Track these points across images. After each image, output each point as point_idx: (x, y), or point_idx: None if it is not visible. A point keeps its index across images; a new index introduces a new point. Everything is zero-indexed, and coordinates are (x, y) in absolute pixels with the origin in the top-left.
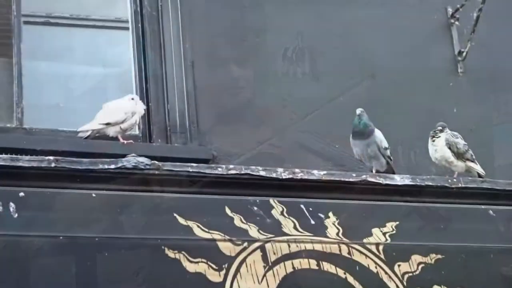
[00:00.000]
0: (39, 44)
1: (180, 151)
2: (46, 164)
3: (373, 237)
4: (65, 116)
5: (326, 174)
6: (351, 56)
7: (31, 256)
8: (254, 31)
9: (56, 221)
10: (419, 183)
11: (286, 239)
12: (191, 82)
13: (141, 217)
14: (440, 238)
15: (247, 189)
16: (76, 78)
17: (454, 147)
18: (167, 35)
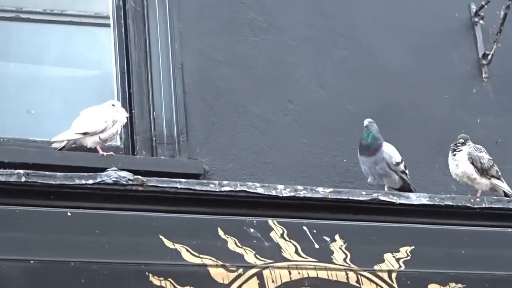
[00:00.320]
0: (7, 42)
1: (167, 165)
2: (16, 178)
3: (385, 264)
4: (36, 124)
5: (332, 192)
6: (361, 59)
7: None
8: (252, 30)
9: (26, 243)
10: (437, 203)
11: (287, 265)
12: (180, 87)
13: (122, 239)
14: (461, 265)
15: (243, 208)
16: (50, 81)
17: (477, 162)
18: (153, 34)
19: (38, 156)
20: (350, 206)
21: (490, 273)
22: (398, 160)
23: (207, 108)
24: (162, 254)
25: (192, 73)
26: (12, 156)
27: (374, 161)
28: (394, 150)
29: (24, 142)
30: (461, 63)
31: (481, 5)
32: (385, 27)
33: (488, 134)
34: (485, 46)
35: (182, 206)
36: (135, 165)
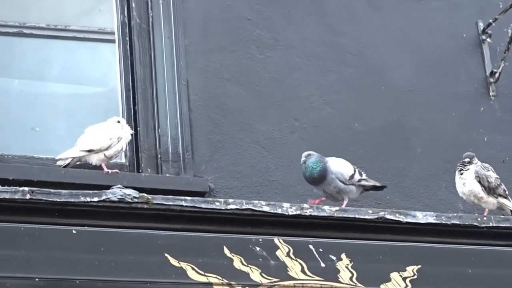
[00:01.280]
0: (10, 58)
1: (172, 183)
2: (20, 195)
3: (391, 283)
4: (41, 141)
5: (339, 210)
6: (368, 77)
7: None
8: (258, 47)
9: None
10: (444, 222)
11: (293, 284)
12: (185, 104)
13: (128, 257)
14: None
15: (249, 226)
16: (54, 98)
17: (484, 180)
18: (159, 51)
19: (43, 174)
20: (356, 224)
21: None
22: (351, 173)
23: (212, 126)
24: (167, 273)
25: (197, 90)
26: (16, 173)
27: (325, 185)
28: (343, 165)
29: (29, 159)
30: (468, 81)
31: (489, 23)
32: (392, 44)
33: (495, 153)
34: (493, 64)
35: (187, 224)
36: (140, 182)
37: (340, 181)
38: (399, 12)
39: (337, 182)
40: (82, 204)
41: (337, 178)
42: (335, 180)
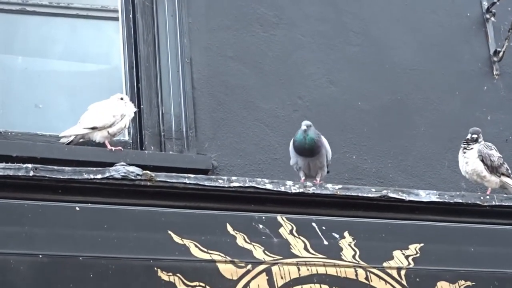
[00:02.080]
0: (13, 36)
1: (175, 160)
2: (24, 172)
3: (394, 261)
4: (45, 118)
5: (342, 188)
6: (372, 56)
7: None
8: (261, 25)
9: (34, 238)
10: (447, 200)
11: (296, 262)
12: (188, 82)
13: (131, 234)
14: (471, 263)
15: (252, 204)
16: (57, 76)
17: (487, 159)
18: (162, 28)
19: (47, 151)
20: (359, 203)
21: (500, 271)
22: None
23: (216, 104)
24: (171, 250)
25: (201, 68)
26: (20, 150)
27: (316, 158)
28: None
29: (32, 136)
30: (472, 60)
31: (493, 2)
32: (396, 23)
33: (498, 132)
34: (497, 43)
35: (190, 201)
36: (143, 160)
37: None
38: None
39: (324, 158)
40: (86, 181)
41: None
42: (324, 156)
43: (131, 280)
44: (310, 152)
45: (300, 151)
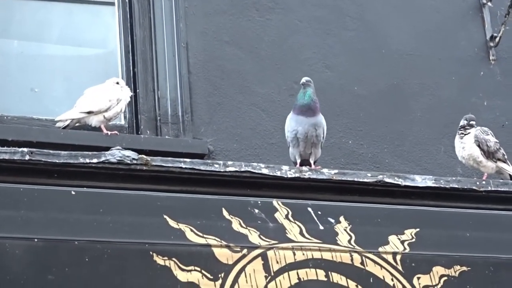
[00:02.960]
0: (9, 20)
1: (171, 145)
2: (19, 156)
3: (389, 246)
4: (40, 102)
5: (337, 173)
6: (368, 40)
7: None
8: (257, 10)
9: (30, 222)
10: (443, 185)
11: (291, 246)
12: (184, 66)
13: (126, 218)
14: (466, 248)
15: (248, 189)
16: (53, 60)
17: (484, 145)
18: (158, 12)
19: (42, 135)
20: (355, 187)
21: (495, 256)
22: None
23: (212, 88)
24: (166, 234)
25: (197, 52)
26: (16, 134)
27: (314, 124)
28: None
29: (28, 120)
30: (468, 45)
31: None
32: (393, 8)
33: (495, 117)
34: (493, 28)
35: (186, 186)
36: (139, 144)
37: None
38: None
39: (321, 131)
40: (81, 165)
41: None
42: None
43: (127, 264)
44: (309, 108)
45: (302, 107)
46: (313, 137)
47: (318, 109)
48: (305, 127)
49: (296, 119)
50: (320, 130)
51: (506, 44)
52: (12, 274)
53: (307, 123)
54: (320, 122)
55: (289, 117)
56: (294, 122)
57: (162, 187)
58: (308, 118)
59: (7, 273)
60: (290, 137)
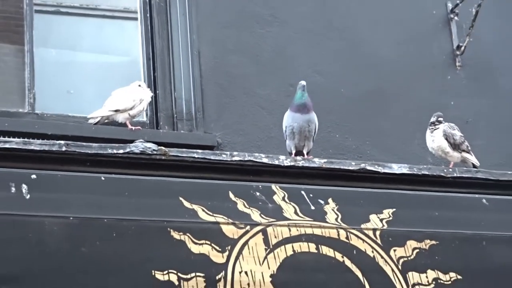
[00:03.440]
0: (50, 32)
1: (186, 138)
2: (57, 148)
3: (370, 223)
4: (75, 102)
5: (326, 162)
6: (353, 49)
7: (42, 236)
8: (258, 23)
9: (66, 203)
10: (416, 172)
11: (287, 224)
12: (197, 71)
13: (148, 200)
14: (435, 225)
15: (250, 175)
16: (86, 66)
17: (451, 138)
18: (175, 26)
19: (76, 130)
20: (341, 174)
21: (460, 232)
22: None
23: (220, 90)
24: (181, 213)
25: (207, 60)
26: (54, 129)
27: (308, 120)
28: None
29: (64, 118)
30: (438, 53)
31: (456, 3)
32: (374, 21)
33: (460, 115)
34: (459, 39)
35: (198, 172)
36: (158, 138)
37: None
38: None
39: (313, 126)
40: (110, 155)
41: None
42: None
43: (148, 238)
44: (305, 107)
45: (298, 106)
46: (306, 132)
47: (311, 108)
48: (300, 123)
49: (292, 116)
50: (312, 126)
51: (470, 52)
52: (51, 247)
53: (302, 119)
54: (312, 119)
55: (286, 114)
56: (291, 119)
57: (178, 173)
58: (303, 115)
59: (47, 246)
60: (287, 131)
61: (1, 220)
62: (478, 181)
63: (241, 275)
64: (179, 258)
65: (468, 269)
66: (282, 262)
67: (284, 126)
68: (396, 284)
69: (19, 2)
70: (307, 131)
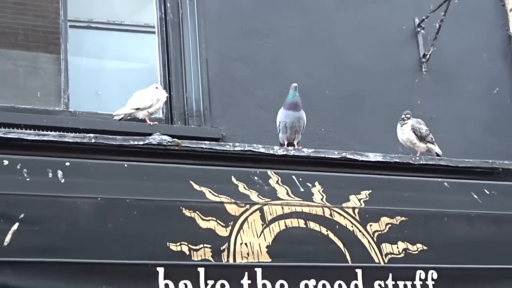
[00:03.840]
0: (82, 43)
1: (195, 132)
2: (87, 140)
3: (350, 202)
4: (102, 101)
5: (313, 151)
6: (336, 57)
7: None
8: (257, 35)
9: (95, 186)
10: (388, 160)
11: (280, 203)
12: (205, 76)
13: (163, 183)
14: (405, 204)
15: (249, 162)
16: (112, 71)
17: (418, 131)
18: (186, 38)
19: (104, 124)
20: (326, 162)
21: (425, 209)
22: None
23: (224, 92)
24: (192, 194)
25: (214, 66)
26: (85, 124)
27: (299, 117)
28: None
29: (93, 115)
30: (407, 60)
31: (422, 19)
32: (354, 33)
33: (425, 112)
34: (425, 48)
35: (206, 160)
36: (172, 131)
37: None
38: (359, 10)
39: (302, 122)
40: (131, 146)
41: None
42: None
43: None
44: (297, 105)
45: (291, 104)
46: (297, 126)
47: (301, 106)
48: (291, 119)
49: (285, 113)
50: (302, 122)
51: (434, 60)
52: (82, 223)
53: (293, 116)
54: (302, 116)
55: (280, 112)
56: (284, 115)
57: (188, 161)
58: (294, 112)
59: (79, 222)
60: (281, 126)
61: (40, 200)
62: (441, 167)
63: (241, 246)
64: (189, 232)
65: (432, 240)
66: (276, 235)
67: (278, 121)
68: (372, 254)
69: (56, 19)
70: (297, 125)
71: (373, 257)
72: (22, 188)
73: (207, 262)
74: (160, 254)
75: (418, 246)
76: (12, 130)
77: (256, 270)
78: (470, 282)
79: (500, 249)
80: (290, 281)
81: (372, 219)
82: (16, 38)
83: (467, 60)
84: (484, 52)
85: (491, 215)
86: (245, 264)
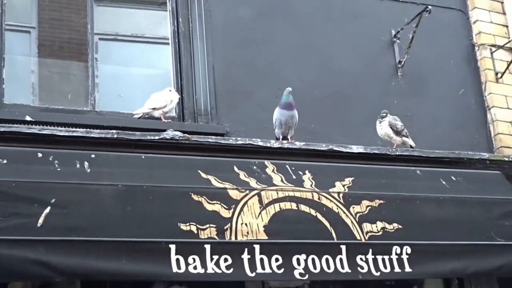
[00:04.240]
0: (108, 54)
1: (203, 128)
2: (111, 135)
3: (336, 188)
4: (124, 103)
5: (305, 144)
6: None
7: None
8: (256, 44)
9: (116, 175)
10: (369, 151)
11: (275, 189)
12: (212, 80)
13: (175, 172)
14: (382, 189)
15: (250, 154)
16: (132, 77)
17: (394, 126)
18: (196, 48)
19: (125, 122)
20: (315, 153)
21: (400, 194)
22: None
23: (228, 94)
24: (199, 181)
25: (220, 72)
26: (109, 122)
27: (292, 115)
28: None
29: (116, 114)
30: (385, 66)
31: (398, 30)
32: (340, 43)
33: (401, 110)
34: (400, 56)
35: (212, 152)
36: (184, 128)
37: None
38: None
39: (295, 119)
40: (148, 140)
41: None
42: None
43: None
44: (290, 106)
45: (285, 105)
46: (290, 123)
47: (294, 106)
48: (286, 117)
49: (280, 112)
50: (294, 119)
51: (408, 66)
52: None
53: (287, 114)
54: (295, 114)
55: (276, 110)
56: (279, 114)
57: (197, 153)
58: (288, 111)
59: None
60: (277, 123)
61: (69, 187)
62: (414, 157)
63: (242, 226)
64: (197, 213)
65: (406, 220)
66: (272, 216)
67: (274, 119)
68: (354, 232)
69: (86, 32)
70: (291, 122)
71: (355, 234)
72: (53, 177)
73: (212, 239)
74: (172, 233)
75: (394, 225)
76: (45, 127)
77: (254, 246)
78: (439, 256)
79: (464, 227)
80: (284, 256)
81: (355, 202)
82: (52, 49)
83: (436, 66)
84: (451, 59)
85: (457, 199)
86: (245, 241)
